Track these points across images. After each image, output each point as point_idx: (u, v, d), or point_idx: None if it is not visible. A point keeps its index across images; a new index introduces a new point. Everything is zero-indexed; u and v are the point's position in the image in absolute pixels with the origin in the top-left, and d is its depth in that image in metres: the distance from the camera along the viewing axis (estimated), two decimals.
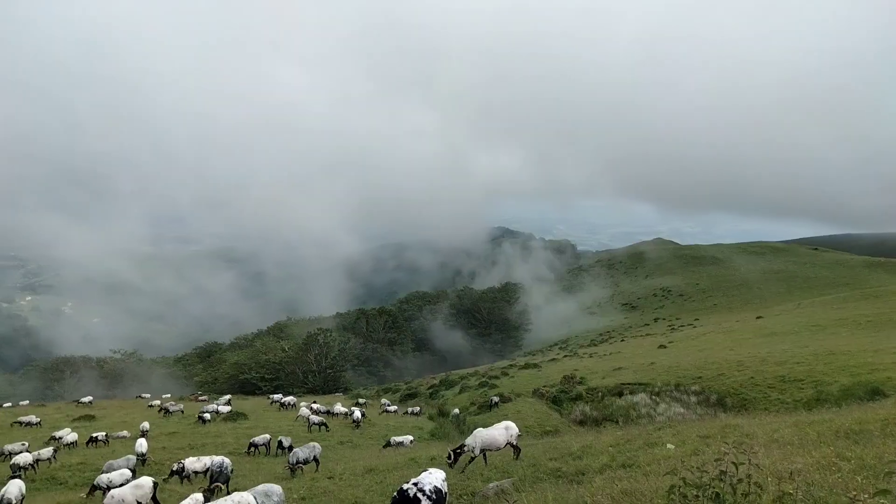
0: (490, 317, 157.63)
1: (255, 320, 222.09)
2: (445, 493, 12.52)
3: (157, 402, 62.98)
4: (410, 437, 33.14)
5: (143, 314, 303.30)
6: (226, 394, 72.82)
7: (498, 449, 19.46)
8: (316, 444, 24.73)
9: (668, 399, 39.70)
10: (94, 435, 37.71)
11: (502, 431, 19.48)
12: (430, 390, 74.19)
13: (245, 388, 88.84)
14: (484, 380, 69.07)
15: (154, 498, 17.82)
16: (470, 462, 19.25)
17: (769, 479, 8.11)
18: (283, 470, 23.89)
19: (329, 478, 21.38)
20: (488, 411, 45.73)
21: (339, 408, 48.54)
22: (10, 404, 70.55)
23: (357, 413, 42.56)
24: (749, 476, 6.89)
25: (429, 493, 12.01)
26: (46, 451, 30.78)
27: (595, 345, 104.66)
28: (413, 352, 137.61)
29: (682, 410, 36.46)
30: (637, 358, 63.71)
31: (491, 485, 15.62)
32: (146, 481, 18.09)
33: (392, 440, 32.38)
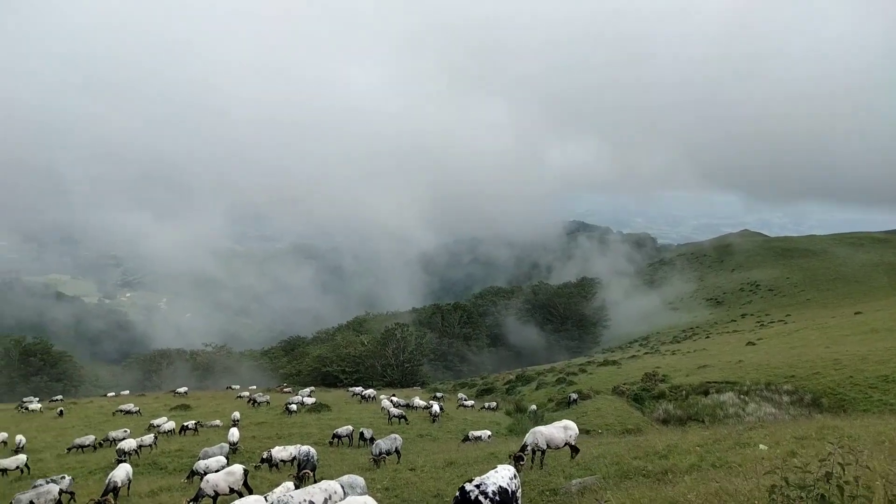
0: (566, 312, 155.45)
1: (334, 314, 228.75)
2: (514, 492, 12.03)
3: (246, 393, 65.91)
4: (489, 433, 33.20)
5: (230, 309, 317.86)
6: (309, 386, 75.33)
7: (557, 448, 19.27)
8: (397, 436, 25.23)
9: (757, 399, 37.89)
10: (185, 424, 40.03)
11: (561, 430, 19.26)
12: (507, 386, 74.00)
13: (327, 380, 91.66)
14: (561, 376, 68.26)
15: (245, 484, 18.68)
16: (542, 457, 19.17)
17: (878, 482, 7.61)
18: (367, 461, 24.50)
19: (411, 469, 21.75)
20: (566, 408, 45.19)
21: (418, 401, 49.25)
22: (113, 394, 75.99)
23: (435, 407, 43.07)
24: (857, 478, 6.50)
25: (491, 495, 11.49)
26: (148, 438, 32.96)
27: (678, 341, 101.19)
28: (488, 347, 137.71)
29: (773, 411, 34.70)
30: (723, 355, 61.15)
31: (574, 481, 15.44)
32: (237, 468, 19.02)
33: (470, 434, 32.55)
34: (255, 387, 77.50)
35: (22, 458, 30.35)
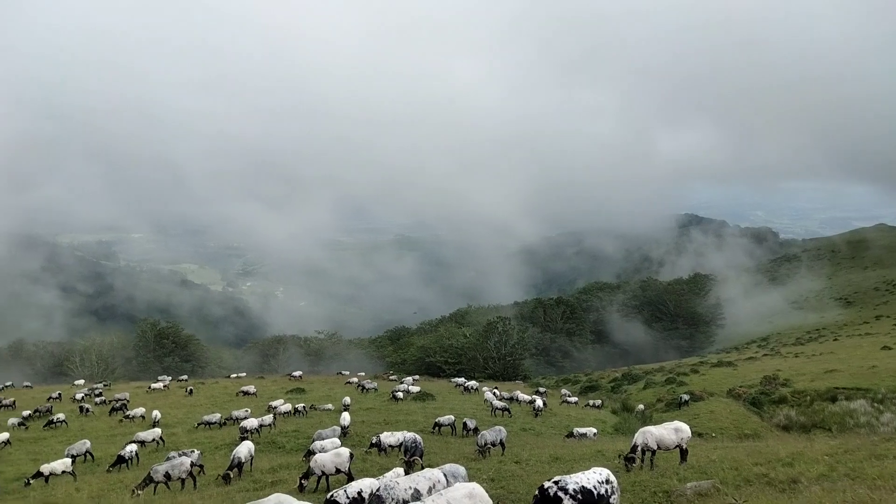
0: (677, 310, 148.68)
1: (437, 305, 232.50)
2: (603, 495, 11.64)
3: (355, 379, 68.45)
4: (594, 430, 32.59)
5: (338, 298, 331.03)
6: (413, 374, 77.21)
7: (667, 449, 18.64)
8: (502, 428, 25.32)
9: (894, 408, 34.59)
10: (296, 406, 42.29)
11: (672, 432, 18.59)
12: (612, 384, 72.28)
13: (430, 370, 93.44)
14: (671, 376, 65.81)
15: (349, 469, 19.41)
16: (652, 457, 18.59)
17: None
18: (471, 451, 24.77)
19: (516, 462, 21.77)
20: (677, 409, 43.46)
21: (521, 395, 49.13)
22: (235, 375, 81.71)
23: (539, 402, 42.77)
24: None
25: (572, 493, 11.19)
26: (268, 418, 35.15)
27: (801, 343, 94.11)
28: (592, 344, 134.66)
29: None
30: (854, 360, 56.23)
31: (689, 485, 14.87)
32: (344, 451, 19.88)
33: (575, 431, 32.09)
34: (363, 373, 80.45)
35: (157, 431, 33.33)
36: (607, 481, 12.01)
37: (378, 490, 12.85)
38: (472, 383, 59.59)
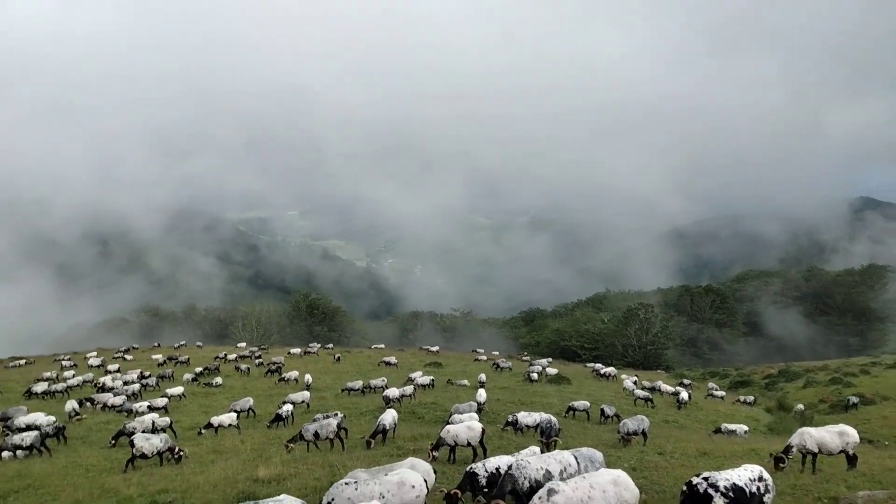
0: (846, 304, 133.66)
1: (573, 288, 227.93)
2: (755, 493, 10.85)
3: (484, 357, 69.11)
4: (745, 427, 30.41)
5: (472, 277, 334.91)
6: (546, 357, 76.51)
7: (829, 454, 17.13)
8: (644, 417, 24.30)
9: None
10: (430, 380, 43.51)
11: (835, 435, 16.98)
12: (766, 380, 67.24)
13: (565, 353, 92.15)
14: (836, 376, 59.83)
15: (481, 442, 19.49)
16: (814, 461, 16.96)
17: None
18: (610, 438, 24.06)
19: (659, 454, 20.81)
20: (843, 412, 39.44)
21: (664, 386, 46.96)
22: (376, 346, 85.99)
23: (684, 394, 40.66)
24: None
25: (723, 491, 10.55)
26: (409, 389, 36.51)
27: None
28: (745, 336, 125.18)
29: None
30: None
31: (861, 493, 13.36)
32: (477, 425, 19.95)
33: (723, 427, 30.13)
34: (496, 352, 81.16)
35: (307, 394, 35.78)
36: (760, 479, 11.20)
37: (511, 468, 12.78)
38: (610, 370, 57.89)
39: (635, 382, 47.72)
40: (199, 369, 52.48)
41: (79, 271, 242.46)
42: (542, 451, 16.39)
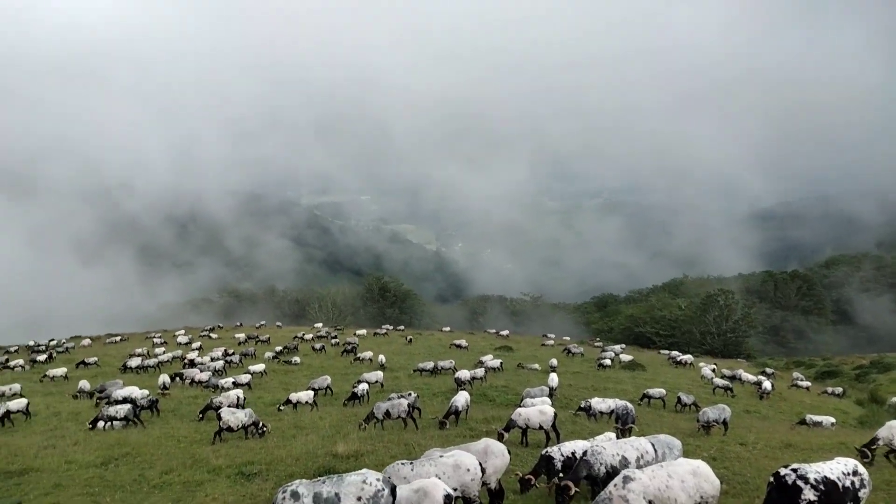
0: None
1: (647, 273, 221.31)
2: (848, 488, 10.31)
3: (551, 342, 68.43)
4: (832, 419, 28.86)
5: (541, 260, 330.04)
6: (619, 343, 75.07)
7: None
8: (726, 406, 23.47)
9: None
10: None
11: None
12: (857, 371, 63.50)
13: (639, 340, 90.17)
14: None
15: (553, 426, 19.37)
16: None
17: None
18: (688, 427, 23.44)
19: (741, 444, 20.12)
20: None
21: (745, 375, 45.18)
22: (447, 328, 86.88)
23: (766, 383, 39.00)
24: None
25: (814, 483, 10.04)
26: (480, 372, 36.73)
27: None
28: (833, 324, 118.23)
29: None
30: None
31: None
32: (549, 409, 19.86)
33: (808, 418, 28.70)
34: (568, 338, 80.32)
35: (380, 374, 36.58)
36: (855, 473, 10.59)
37: (586, 453, 12.67)
38: (687, 357, 56.19)
39: (714, 371, 46.26)
40: (279, 348, 54.72)
41: (160, 252, 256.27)
42: (618, 438, 16.19)
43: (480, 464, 11.90)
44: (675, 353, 62.35)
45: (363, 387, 30.68)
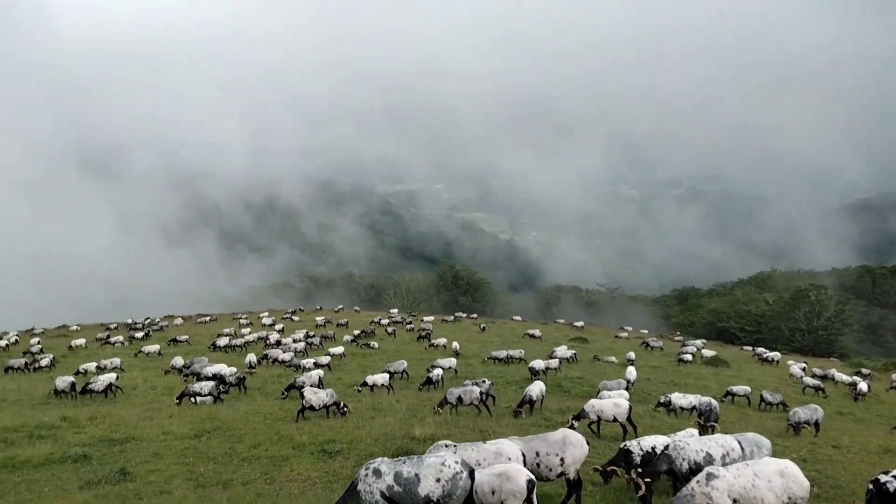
0: None
1: (732, 265, 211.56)
2: None
3: (625, 334, 66.81)
4: None
5: (616, 251, 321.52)
6: (700, 338, 72.48)
7: None
8: (818, 407, 22.31)
9: None
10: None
11: None
12: None
13: (722, 335, 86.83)
14: None
15: (629, 419, 18.99)
16: None
17: None
18: (775, 426, 22.45)
19: (834, 447, 19.12)
20: None
21: (839, 375, 42.66)
22: (519, 318, 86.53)
23: (863, 385, 36.69)
24: None
25: None
26: (553, 362, 36.48)
27: None
28: None
29: None
30: None
31: None
32: (624, 402, 19.44)
33: None
34: (645, 331, 78.25)
35: (453, 361, 36.89)
36: None
37: (668, 448, 12.39)
38: (774, 355, 53.61)
39: (804, 369, 43.97)
40: (356, 332, 56.25)
41: (238, 237, 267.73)
42: (700, 435, 15.73)
43: (558, 453, 11.91)
44: (760, 349, 59.73)
45: (438, 372, 31.12)
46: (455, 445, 11.72)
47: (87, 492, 13.73)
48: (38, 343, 52.50)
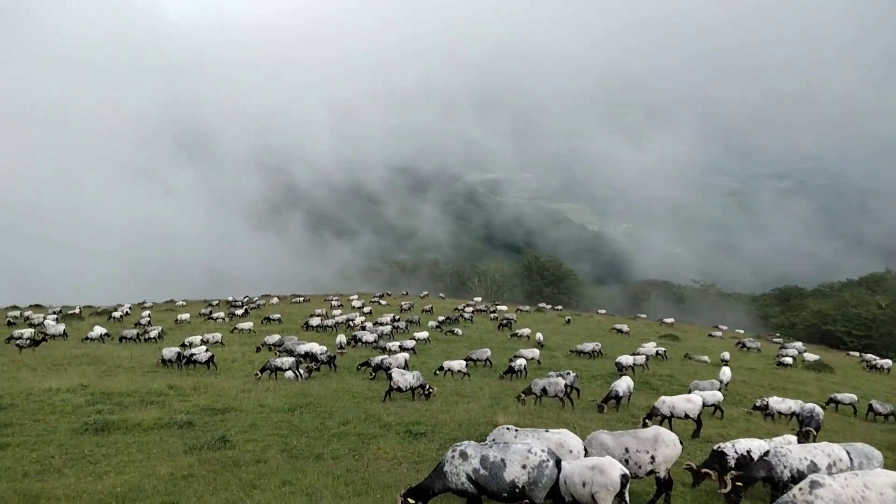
0: None
1: (841, 265, 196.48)
2: None
3: (719, 333, 63.84)
4: None
5: (711, 245, 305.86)
6: (801, 341, 68.26)
7: None
8: None
9: None
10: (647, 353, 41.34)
11: None
12: None
13: (826, 339, 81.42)
14: None
15: (699, 417, 18.44)
16: None
17: None
18: (884, 438, 20.86)
19: None
20: None
21: None
22: (604, 312, 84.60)
23: None
24: None
25: None
26: (640, 359, 35.49)
27: None
28: None
29: None
30: None
31: None
32: (698, 399, 18.93)
33: None
34: (741, 331, 74.56)
35: (536, 351, 36.47)
36: None
37: (768, 454, 11.81)
38: (886, 362, 49.69)
39: None
40: (441, 318, 57.03)
41: (324, 220, 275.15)
42: (798, 442, 14.90)
43: (648, 451, 11.66)
44: (870, 356, 55.58)
45: (521, 362, 31.03)
46: (517, 430, 11.77)
47: (191, 456, 14.77)
48: (148, 316, 56.88)
